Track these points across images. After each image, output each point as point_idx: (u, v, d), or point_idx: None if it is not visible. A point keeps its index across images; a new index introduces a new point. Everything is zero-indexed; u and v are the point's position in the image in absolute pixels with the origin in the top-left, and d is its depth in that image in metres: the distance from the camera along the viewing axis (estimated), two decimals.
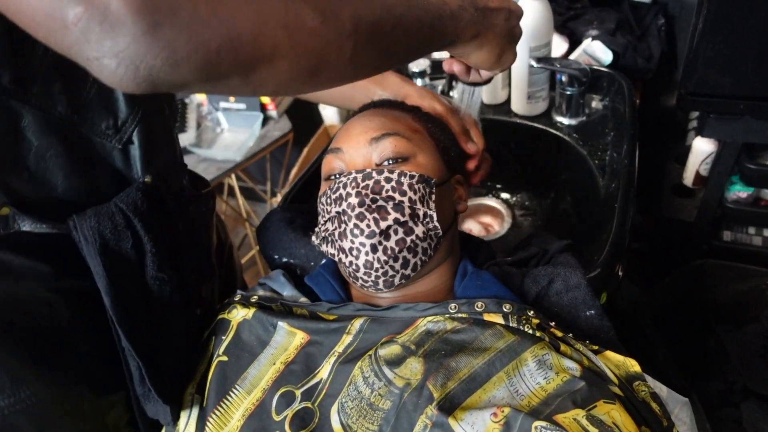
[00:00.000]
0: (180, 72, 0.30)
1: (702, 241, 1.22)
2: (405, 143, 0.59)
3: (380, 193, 0.55)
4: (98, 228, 0.49)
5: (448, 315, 0.53)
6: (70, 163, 0.48)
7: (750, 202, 1.13)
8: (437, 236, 0.57)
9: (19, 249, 0.48)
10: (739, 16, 0.83)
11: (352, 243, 0.54)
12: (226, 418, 0.54)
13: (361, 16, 0.38)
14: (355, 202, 0.54)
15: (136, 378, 0.52)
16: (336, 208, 0.56)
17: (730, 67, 0.89)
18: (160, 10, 0.28)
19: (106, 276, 0.49)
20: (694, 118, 1.31)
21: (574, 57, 1.12)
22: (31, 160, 0.46)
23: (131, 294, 0.52)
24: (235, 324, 0.60)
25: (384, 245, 0.53)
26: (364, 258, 0.54)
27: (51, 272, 0.50)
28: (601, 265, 0.67)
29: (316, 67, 0.37)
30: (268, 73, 0.34)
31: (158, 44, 0.28)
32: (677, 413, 0.51)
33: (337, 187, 0.57)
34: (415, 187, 0.56)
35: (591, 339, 0.54)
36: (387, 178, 0.56)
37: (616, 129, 0.94)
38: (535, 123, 1.02)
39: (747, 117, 0.94)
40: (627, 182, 0.79)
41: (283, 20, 0.33)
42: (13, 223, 0.47)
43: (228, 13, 0.31)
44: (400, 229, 0.54)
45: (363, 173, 0.56)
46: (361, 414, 0.48)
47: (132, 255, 0.52)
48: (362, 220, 0.53)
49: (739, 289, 1.15)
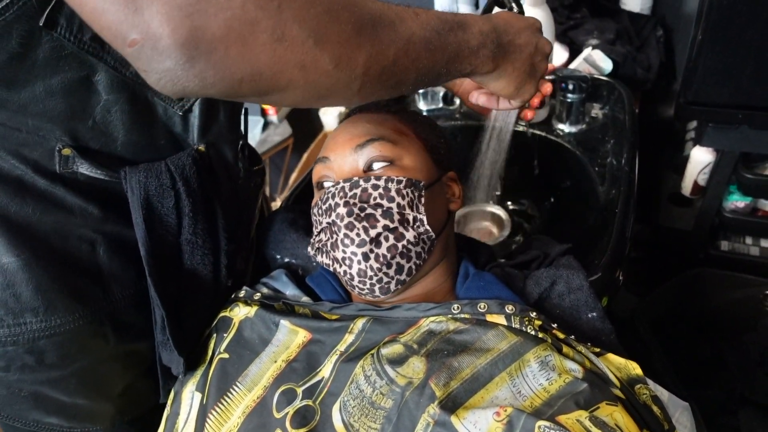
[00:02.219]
0: (207, 92, 0.36)
1: (699, 250, 1.22)
2: (389, 147, 0.58)
3: (368, 201, 0.55)
4: (145, 183, 0.53)
5: (450, 315, 0.53)
6: (132, 120, 0.51)
7: (747, 212, 1.14)
8: (430, 239, 0.57)
9: (74, 187, 0.52)
10: (738, 27, 0.84)
11: (344, 253, 0.54)
12: (227, 414, 0.54)
13: (374, 61, 0.40)
14: (344, 212, 0.54)
15: (159, 325, 0.57)
16: (326, 218, 0.57)
17: (728, 77, 0.90)
18: (199, 49, 0.33)
19: (145, 228, 0.54)
20: (691, 129, 1.32)
21: (575, 65, 1.13)
22: (98, 111, 0.49)
23: (165, 250, 0.56)
24: (237, 321, 0.60)
25: (376, 252, 0.53)
26: (357, 267, 0.54)
27: (99, 215, 0.54)
28: (601, 269, 0.67)
29: (325, 96, 0.41)
30: (280, 97, 0.39)
31: (192, 73, 0.34)
32: (678, 417, 0.51)
33: (327, 198, 0.57)
34: (403, 192, 0.56)
35: (592, 341, 0.54)
36: (374, 185, 0.55)
37: (616, 137, 0.95)
38: (535, 130, 1.03)
39: (745, 127, 0.95)
40: (627, 188, 0.80)
41: (300, 62, 0.37)
42: (73, 164, 0.51)
43: (253, 54, 0.35)
44: (390, 235, 0.54)
45: (350, 182, 0.56)
46: (363, 412, 0.48)
47: (172, 214, 0.56)
48: (351, 229, 0.53)
49: (736, 298, 1.16)
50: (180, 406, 0.59)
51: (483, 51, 0.50)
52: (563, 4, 1.26)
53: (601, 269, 0.67)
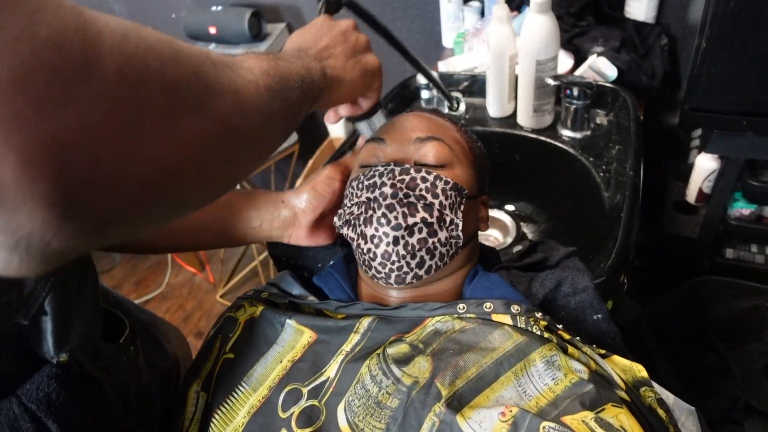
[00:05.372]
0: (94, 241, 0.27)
1: (704, 258, 1.22)
2: (447, 151, 0.59)
3: (414, 190, 0.55)
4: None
5: (456, 315, 0.53)
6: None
7: (753, 219, 1.14)
8: (457, 245, 0.57)
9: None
10: (743, 34, 0.85)
11: (376, 231, 0.54)
12: (232, 414, 0.54)
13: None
14: (389, 192, 0.54)
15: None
16: (367, 194, 0.56)
17: (733, 84, 0.90)
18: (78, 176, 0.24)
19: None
20: (696, 137, 1.33)
21: (580, 72, 1.14)
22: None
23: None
24: (243, 322, 0.60)
25: (406, 240, 0.54)
26: (383, 248, 0.54)
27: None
28: (606, 272, 0.67)
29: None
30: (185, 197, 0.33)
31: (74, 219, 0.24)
32: (683, 421, 0.50)
33: (372, 174, 0.57)
34: (448, 192, 0.56)
35: (597, 343, 0.54)
36: (423, 177, 0.56)
37: (621, 143, 0.95)
38: (540, 136, 1.03)
39: (750, 133, 0.95)
40: (632, 193, 0.80)
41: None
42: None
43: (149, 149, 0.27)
44: (425, 228, 0.54)
45: (401, 167, 0.56)
46: (368, 412, 0.48)
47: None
48: (391, 211, 0.54)
49: (741, 306, 1.15)
50: (185, 405, 0.59)
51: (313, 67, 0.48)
52: (569, 13, 1.27)
53: (606, 273, 0.67)
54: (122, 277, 2.26)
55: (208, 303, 2.09)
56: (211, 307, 2.07)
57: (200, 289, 2.16)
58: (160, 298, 2.14)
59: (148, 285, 2.21)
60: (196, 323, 2.02)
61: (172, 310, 2.09)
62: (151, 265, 2.30)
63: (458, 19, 1.41)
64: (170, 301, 2.13)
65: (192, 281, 2.20)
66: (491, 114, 1.10)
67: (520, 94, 1.02)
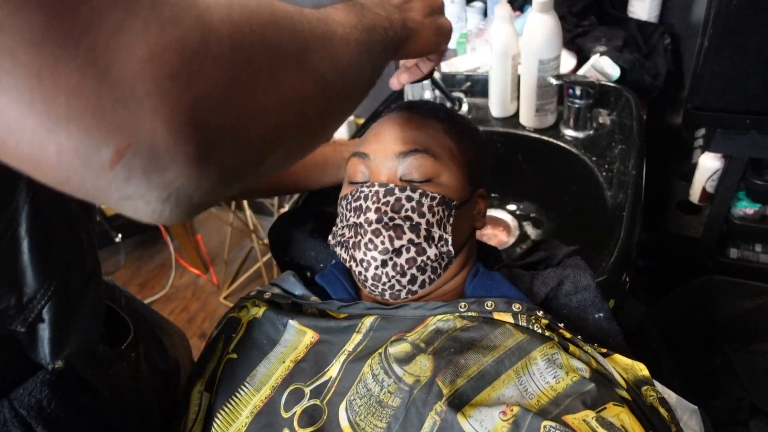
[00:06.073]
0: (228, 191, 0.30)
1: (708, 257, 1.21)
2: (431, 163, 0.58)
3: (399, 212, 0.55)
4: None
5: (457, 313, 0.53)
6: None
7: (756, 219, 1.13)
8: (449, 257, 0.57)
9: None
10: (745, 32, 0.85)
11: (364, 255, 0.55)
12: (235, 415, 0.54)
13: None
14: (373, 218, 0.55)
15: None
16: (354, 218, 0.57)
17: (736, 83, 0.90)
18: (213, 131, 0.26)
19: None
20: (699, 137, 1.32)
21: (583, 71, 1.14)
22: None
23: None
24: (246, 322, 0.60)
25: (394, 261, 0.55)
26: (373, 271, 0.55)
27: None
28: (608, 270, 0.67)
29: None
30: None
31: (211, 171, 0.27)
32: (686, 421, 0.50)
33: (358, 197, 0.57)
34: (435, 209, 0.56)
35: (599, 342, 0.54)
36: (408, 197, 0.56)
37: (624, 142, 0.95)
38: (543, 135, 1.03)
39: (753, 132, 0.94)
40: (635, 192, 0.80)
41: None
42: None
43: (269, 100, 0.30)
44: (412, 248, 0.55)
45: (386, 188, 0.56)
46: (370, 411, 0.48)
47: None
48: (377, 236, 0.54)
49: (746, 306, 1.14)
50: (188, 406, 0.59)
51: (394, 15, 0.47)
52: (571, 12, 1.26)
53: (608, 271, 0.67)
54: (127, 279, 2.26)
55: (212, 305, 2.10)
56: (215, 309, 2.08)
57: (204, 291, 2.17)
58: (164, 300, 2.15)
59: (153, 287, 2.22)
60: (200, 325, 2.03)
61: (176, 312, 2.10)
62: (155, 267, 2.31)
63: (461, 19, 1.41)
64: (174, 303, 2.14)
65: (196, 283, 2.20)
66: (494, 114, 1.10)
67: (523, 94, 1.02)
